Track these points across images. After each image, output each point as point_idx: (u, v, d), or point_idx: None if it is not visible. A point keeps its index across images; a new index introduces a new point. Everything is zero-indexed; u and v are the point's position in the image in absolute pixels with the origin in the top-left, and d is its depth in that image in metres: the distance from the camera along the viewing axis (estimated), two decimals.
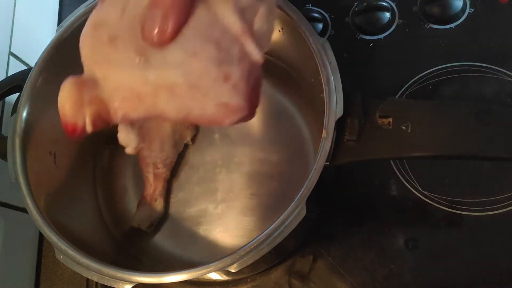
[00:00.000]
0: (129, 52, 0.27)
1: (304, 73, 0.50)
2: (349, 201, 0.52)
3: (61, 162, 0.48)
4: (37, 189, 0.43)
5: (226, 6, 0.27)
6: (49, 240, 0.40)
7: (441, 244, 0.49)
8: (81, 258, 0.39)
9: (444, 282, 0.48)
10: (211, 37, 0.27)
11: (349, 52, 0.57)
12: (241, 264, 0.37)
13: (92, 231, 0.51)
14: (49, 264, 0.56)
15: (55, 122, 0.48)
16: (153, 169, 0.52)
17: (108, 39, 0.28)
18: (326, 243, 0.51)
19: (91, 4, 0.46)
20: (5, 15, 0.57)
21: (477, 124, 0.40)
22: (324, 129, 0.39)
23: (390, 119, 0.41)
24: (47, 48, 0.46)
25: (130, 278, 0.38)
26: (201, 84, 0.27)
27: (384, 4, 0.58)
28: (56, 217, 0.43)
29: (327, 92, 0.40)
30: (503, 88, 0.53)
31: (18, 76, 0.47)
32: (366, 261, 0.49)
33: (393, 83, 0.55)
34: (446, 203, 0.50)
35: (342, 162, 0.40)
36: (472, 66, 0.54)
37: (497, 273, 0.47)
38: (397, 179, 0.52)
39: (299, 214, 0.37)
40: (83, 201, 0.52)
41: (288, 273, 0.50)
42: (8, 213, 0.53)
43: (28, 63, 0.59)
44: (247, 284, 0.51)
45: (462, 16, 0.56)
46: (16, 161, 0.43)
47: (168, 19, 0.26)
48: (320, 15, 0.59)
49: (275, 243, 0.37)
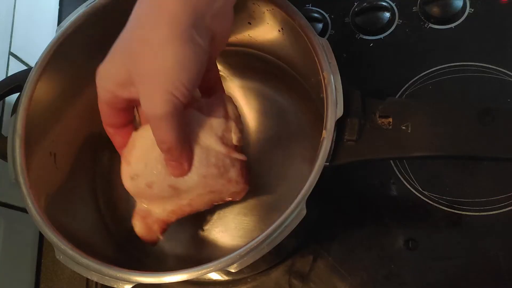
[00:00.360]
0: (163, 188, 0.41)
1: (304, 73, 0.50)
2: (349, 201, 0.52)
3: (61, 162, 0.48)
4: (37, 189, 0.43)
5: (210, 141, 0.40)
6: (49, 240, 0.40)
7: (441, 244, 0.49)
8: (81, 258, 0.39)
9: (444, 282, 0.48)
10: (210, 162, 0.40)
11: (349, 52, 0.57)
12: (241, 264, 0.37)
13: (92, 231, 0.51)
14: (49, 264, 0.56)
15: (55, 122, 0.48)
16: None
17: (145, 185, 0.41)
18: (326, 243, 0.51)
19: (91, 4, 0.46)
20: (5, 15, 0.57)
21: (477, 124, 0.40)
22: (324, 129, 0.39)
23: (390, 119, 0.41)
24: (47, 48, 0.46)
25: (130, 278, 0.38)
26: (215, 188, 0.42)
27: (384, 4, 0.58)
28: (56, 217, 0.43)
29: (327, 92, 0.40)
30: (503, 88, 0.53)
31: (18, 76, 0.47)
32: (366, 261, 0.49)
33: (393, 83, 0.55)
34: (446, 203, 0.50)
35: (342, 162, 0.40)
36: (472, 66, 0.54)
37: (497, 273, 0.47)
38: (397, 179, 0.52)
39: (299, 214, 0.37)
40: (83, 201, 0.52)
41: (288, 273, 0.50)
42: (8, 213, 0.53)
43: (28, 63, 0.59)
44: (247, 284, 0.51)
45: (462, 16, 0.56)
46: (16, 161, 0.43)
47: (183, 162, 0.39)
48: (320, 15, 0.59)
49: (275, 243, 0.37)
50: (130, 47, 0.35)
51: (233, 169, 0.41)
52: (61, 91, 0.48)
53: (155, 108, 0.34)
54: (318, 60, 0.42)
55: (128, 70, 0.35)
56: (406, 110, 0.41)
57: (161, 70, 0.33)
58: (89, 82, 0.50)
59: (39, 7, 0.65)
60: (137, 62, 0.34)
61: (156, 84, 0.34)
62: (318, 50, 0.42)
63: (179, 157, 0.39)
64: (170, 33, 0.33)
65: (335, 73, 0.41)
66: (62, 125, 0.49)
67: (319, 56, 0.42)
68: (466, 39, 0.55)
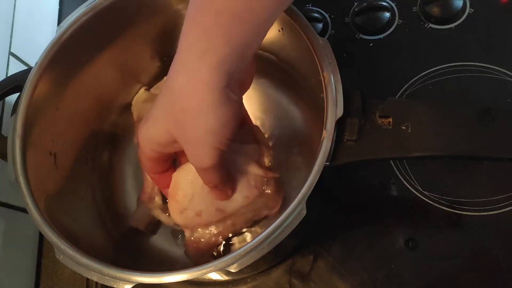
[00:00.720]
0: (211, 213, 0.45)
1: (304, 73, 0.50)
2: (349, 201, 0.52)
3: (61, 162, 0.48)
4: (37, 189, 0.43)
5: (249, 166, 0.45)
6: (49, 240, 0.40)
7: (441, 244, 0.49)
8: (81, 258, 0.39)
9: (444, 282, 0.48)
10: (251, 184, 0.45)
11: (349, 52, 0.57)
12: (241, 264, 0.37)
13: (92, 231, 0.51)
14: (49, 264, 0.56)
15: (55, 122, 0.48)
16: None
17: (194, 215, 0.45)
18: (326, 243, 0.51)
19: (91, 4, 0.46)
20: (5, 15, 0.57)
21: (477, 124, 0.40)
22: (324, 129, 0.39)
23: (390, 119, 0.41)
24: (47, 48, 0.46)
25: (130, 278, 0.38)
26: (256, 207, 0.46)
27: (384, 4, 0.58)
28: (56, 217, 0.43)
29: (327, 92, 0.40)
30: (503, 88, 0.53)
31: (18, 76, 0.47)
32: (366, 261, 0.49)
33: (393, 83, 0.55)
34: (446, 203, 0.50)
35: (342, 162, 0.40)
36: (472, 66, 0.54)
37: (497, 273, 0.47)
38: (397, 179, 0.52)
39: (299, 214, 0.37)
40: (83, 201, 0.52)
41: (289, 273, 0.50)
42: (8, 213, 0.53)
43: (28, 63, 0.59)
44: (247, 284, 0.51)
45: (462, 16, 0.56)
46: (16, 161, 0.43)
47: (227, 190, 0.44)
48: (320, 15, 0.59)
49: (275, 243, 0.37)
50: (173, 116, 0.37)
51: (269, 187, 0.46)
52: (61, 91, 0.48)
53: (203, 163, 0.38)
54: (318, 60, 0.42)
55: (173, 135, 0.38)
56: (406, 110, 0.41)
57: (205, 133, 0.36)
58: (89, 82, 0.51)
59: (39, 7, 0.65)
60: (182, 128, 0.37)
61: (202, 144, 0.37)
62: (318, 50, 0.42)
63: (223, 188, 0.43)
64: (208, 100, 0.35)
65: (335, 73, 0.41)
66: (62, 125, 0.49)
67: (319, 56, 0.42)
68: (466, 39, 0.55)
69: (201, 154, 0.37)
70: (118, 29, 0.50)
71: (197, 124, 0.36)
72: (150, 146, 0.40)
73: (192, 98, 0.35)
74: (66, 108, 0.49)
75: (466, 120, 0.40)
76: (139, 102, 0.55)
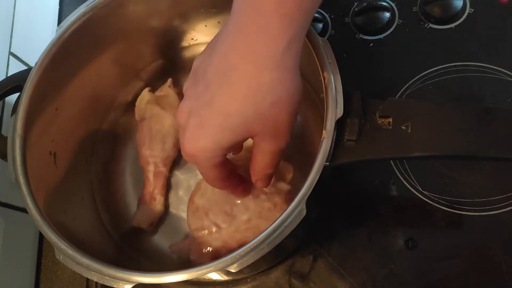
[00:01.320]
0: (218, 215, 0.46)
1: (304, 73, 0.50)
2: (349, 201, 0.52)
3: (61, 162, 0.48)
4: (37, 189, 0.43)
5: None
6: (49, 240, 0.40)
7: (441, 244, 0.49)
8: (81, 258, 0.39)
9: (444, 282, 0.48)
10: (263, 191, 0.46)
11: (349, 52, 0.57)
12: (241, 264, 0.37)
13: (92, 231, 0.51)
14: (49, 264, 0.56)
15: (55, 122, 0.48)
16: (153, 168, 0.52)
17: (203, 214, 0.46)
18: (326, 243, 0.51)
19: (91, 4, 0.46)
20: (5, 15, 0.57)
21: (477, 124, 0.40)
22: (324, 129, 0.39)
23: (390, 119, 0.41)
24: (47, 48, 0.46)
25: (130, 278, 0.38)
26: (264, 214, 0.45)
27: (384, 4, 0.58)
28: (56, 217, 0.43)
29: (327, 92, 0.40)
30: (503, 88, 0.53)
31: (18, 76, 0.47)
32: (366, 261, 0.49)
33: (393, 83, 0.55)
34: (446, 203, 0.50)
35: (342, 162, 0.40)
36: (472, 66, 0.54)
37: (497, 273, 0.47)
38: (397, 179, 0.52)
39: (299, 214, 0.37)
40: (83, 201, 0.52)
41: (288, 273, 0.50)
42: (8, 213, 0.53)
43: (28, 63, 0.59)
44: (247, 284, 0.51)
45: (462, 16, 0.56)
46: (16, 161, 0.43)
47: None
48: (320, 15, 0.59)
49: (275, 243, 0.37)
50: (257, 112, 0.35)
51: (278, 196, 0.46)
52: (61, 91, 0.48)
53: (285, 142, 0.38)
54: (318, 60, 0.42)
55: (252, 131, 0.37)
56: (406, 110, 0.41)
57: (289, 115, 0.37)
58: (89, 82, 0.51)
59: (39, 7, 0.65)
60: (270, 120, 0.36)
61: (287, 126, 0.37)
62: (318, 50, 0.42)
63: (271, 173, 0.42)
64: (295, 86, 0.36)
65: (335, 73, 0.41)
66: (62, 125, 0.49)
67: (319, 56, 0.42)
68: (466, 39, 0.55)
69: (284, 137, 0.38)
70: (118, 29, 0.50)
71: (286, 112, 0.36)
72: (218, 153, 0.38)
73: (284, 90, 0.35)
74: (66, 108, 0.49)
75: (466, 120, 0.40)
76: (142, 103, 0.55)
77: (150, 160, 0.52)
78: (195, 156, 0.38)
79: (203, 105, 0.36)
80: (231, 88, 0.35)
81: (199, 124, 0.36)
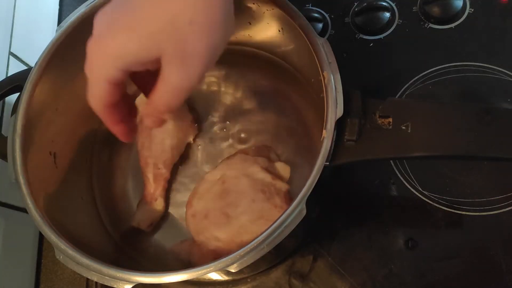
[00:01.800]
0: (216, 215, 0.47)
1: (304, 73, 0.50)
2: (349, 201, 0.52)
3: (61, 162, 0.48)
4: (37, 189, 0.43)
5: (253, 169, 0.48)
6: (49, 240, 0.40)
7: (441, 244, 0.49)
8: (81, 258, 0.39)
9: (444, 282, 0.48)
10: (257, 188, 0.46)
11: (349, 52, 0.57)
12: (241, 264, 0.37)
13: (92, 231, 0.51)
14: (49, 264, 0.56)
15: (55, 122, 0.48)
16: (153, 169, 0.52)
17: (203, 217, 0.47)
18: (326, 243, 0.51)
19: (91, 4, 0.46)
20: (5, 15, 0.57)
21: (477, 124, 0.40)
22: (324, 129, 0.39)
23: (390, 119, 0.41)
24: (47, 48, 0.46)
25: (130, 278, 0.38)
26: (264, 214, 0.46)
27: (384, 4, 0.58)
28: (56, 217, 0.43)
29: (327, 92, 0.40)
30: (503, 88, 0.53)
31: (18, 76, 0.47)
32: (366, 261, 0.49)
33: (393, 83, 0.55)
34: (446, 203, 0.50)
35: (342, 162, 0.40)
36: (472, 66, 0.54)
37: (497, 273, 0.47)
38: (397, 179, 0.52)
39: (299, 214, 0.37)
40: (83, 201, 0.52)
41: (288, 273, 0.50)
42: (8, 213, 0.53)
43: (28, 63, 0.59)
44: (247, 284, 0.51)
45: (462, 16, 0.56)
46: (16, 161, 0.43)
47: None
48: (320, 15, 0.59)
49: (275, 243, 0.37)
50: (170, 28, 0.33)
51: (277, 196, 0.46)
52: (61, 91, 0.48)
53: (191, 81, 0.35)
54: (318, 60, 0.42)
55: (161, 50, 0.34)
56: (406, 110, 0.41)
57: (207, 48, 0.34)
58: None
59: (39, 7, 0.65)
60: (180, 43, 0.33)
61: (199, 60, 0.34)
62: (318, 50, 0.42)
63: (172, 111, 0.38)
64: (220, 15, 0.34)
65: (335, 73, 0.41)
66: (62, 125, 0.49)
67: (319, 56, 0.42)
68: (466, 39, 0.55)
69: (193, 72, 0.34)
70: None
71: (203, 38, 0.33)
72: (118, 65, 0.35)
73: (210, 13, 0.33)
74: (66, 108, 0.49)
75: (466, 120, 0.40)
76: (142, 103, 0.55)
77: (150, 161, 0.52)
78: (93, 59, 0.36)
79: (123, 9, 0.34)
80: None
81: (110, 23, 0.35)
